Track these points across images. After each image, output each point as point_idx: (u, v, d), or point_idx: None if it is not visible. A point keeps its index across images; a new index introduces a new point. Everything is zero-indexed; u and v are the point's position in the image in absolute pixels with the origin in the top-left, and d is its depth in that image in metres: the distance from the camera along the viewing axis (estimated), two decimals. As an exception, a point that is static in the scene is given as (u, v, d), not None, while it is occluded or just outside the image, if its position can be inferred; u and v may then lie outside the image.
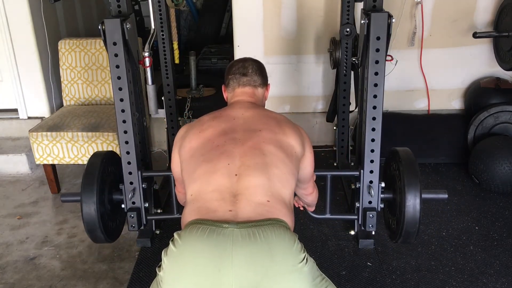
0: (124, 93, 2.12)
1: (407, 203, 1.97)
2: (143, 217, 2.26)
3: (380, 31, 2.00)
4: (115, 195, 2.23)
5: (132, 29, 2.11)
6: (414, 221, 1.99)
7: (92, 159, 2.15)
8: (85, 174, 2.07)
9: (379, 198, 2.18)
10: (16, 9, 3.32)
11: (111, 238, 2.20)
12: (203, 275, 1.31)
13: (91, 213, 2.02)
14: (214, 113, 1.75)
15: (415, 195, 1.97)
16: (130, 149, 2.18)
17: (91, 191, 2.03)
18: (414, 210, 1.97)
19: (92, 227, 2.05)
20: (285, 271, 1.33)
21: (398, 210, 2.07)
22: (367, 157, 2.15)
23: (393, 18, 2.01)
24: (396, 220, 2.12)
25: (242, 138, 1.57)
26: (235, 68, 1.86)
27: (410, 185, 1.98)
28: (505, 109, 3.18)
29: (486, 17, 3.30)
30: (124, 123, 2.15)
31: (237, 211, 1.41)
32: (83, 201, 2.03)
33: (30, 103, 3.59)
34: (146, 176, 2.28)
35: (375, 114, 2.10)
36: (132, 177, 2.20)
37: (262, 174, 1.48)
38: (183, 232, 1.38)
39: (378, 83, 2.07)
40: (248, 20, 3.34)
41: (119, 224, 2.31)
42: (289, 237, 1.37)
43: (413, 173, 2.01)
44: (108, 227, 2.14)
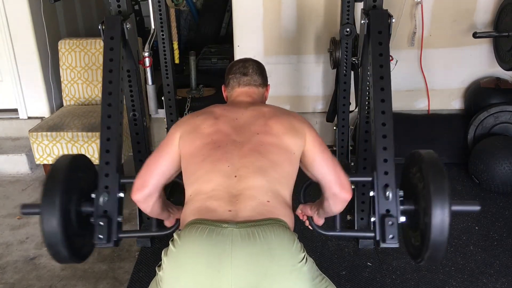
0: (113, 89, 1.93)
1: (434, 215, 1.57)
2: (114, 230, 1.77)
3: (381, 27, 1.98)
4: (84, 207, 1.75)
5: (132, 29, 2.11)
6: (441, 237, 1.59)
7: (57, 162, 1.70)
8: (46, 181, 1.62)
9: (398, 206, 1.76)
10: (16, 9, 3.32)
11: (79, 257, 1.73)
12: (203, 275, 1.31)
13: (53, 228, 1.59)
14: (216, 109, 1.70)
15: (443, 206, 1.57)
16: (110, 147, 1.87)
17: (53, 201, 1.59)
18: (442, 225, 1.58)
19: (55, 245, 1.61)
20: (284, 271, 1.32)
21: (422, 223, 1.65)
22: (380, 156, 1.84)
23: (393, 18, 2.01)
24: (418, 236, 1.71)
25: (242, 140, 1.56)
26: (235, 68, 1.85)
27: (437, 194, 1.58)
28: (505, 109, 3.18)
29: (486, 17, 3.30)
30: (109, 117, 1.91)
31: (237, 211, 1.41)
32: (43, 213, 1.60)
33: (30, 103, 3.59)
34: (125, 182, 1.84)
35: (384, 108, 1.90)
36: (108, 180, 1.80)
37: (261, 176, 1.48)
38: (182, 232, 1.38)
39: (385, 76, 1.93)
40: (248, 20, 3.34)
41: (89, 241, 1.79)
42: (289, 237, 1.37)
43: (440, 180, 1.61)
44: (74, 244, 1.68)
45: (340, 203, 1.60)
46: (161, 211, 1.69)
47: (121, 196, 1.78)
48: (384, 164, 1.82)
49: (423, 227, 1.63)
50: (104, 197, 1.74)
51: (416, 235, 1.72)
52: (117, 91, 1.93)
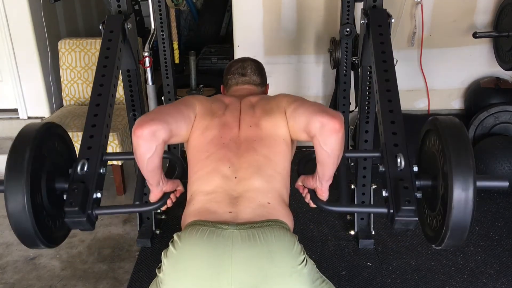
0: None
1: (455, 192, 1.32)
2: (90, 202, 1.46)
3: (382, 23, 1.98)
4: (58, 183, 1.49)
5: (132, 29, 2.11)
6: (464, 218, 1.35)
7: (24, 128, 1.43)
8: (11, 151, 1.36)
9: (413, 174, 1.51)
10: (16, 9, 3.32)
11: (51, 241, 1.46)
12: (203, 277, 1.31)
13: (19, 206, 1.35)
14: (225, 98, 1.67)
15: (467, 182, 1.32)
16: (97, 123, 1.67)
17: (19, 176, 1.33)
18: (466, 203, 1.33)
19: (22, 227, 1.38)
20: (284, 273, 1.32)
21: (442, 202, 1.42)
22: (386, 130, 1.65)
23: (393, 18, 2.01)
24: (437, 216, 1.46)
25: (240, 135, 1.55)
26: (234, 68, 1.85)
27: (460, 167, 1.33)
28: (505, 109, 3.18)
29: (486, 17, 3.30)
30: (99, 96, 1.76)
31: (237, 212, 1.40)
32: (8, 190, 1.34)
33: (30, 103, 3.59)
34: (108, 159, 1.63)
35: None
36: (90, 153, 1.57)
37: (261, 177, 1.47)
38: (182, 234, 1.38)
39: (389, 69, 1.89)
40: (248, 20, 3.34)
41: (62, 224, 1.50)
42: (289, 239, 1.37)
43: (464, 150, 1.36)
44: (45, 226, 1.44)
45: (329, 135, 1.33)
46: (158, 166, 1.42)
47: (102, 172, 1.56)
48: (393, 136, 1.63)
49: (443, 206, 1.40)
50: (83, 164, 1.48)
51: (434, 215, 1.47)
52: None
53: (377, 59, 1.83)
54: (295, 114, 1.47)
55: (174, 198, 1.54)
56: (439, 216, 1.42)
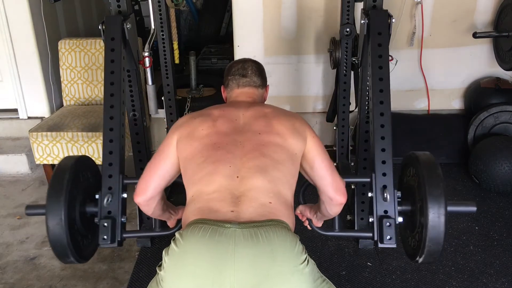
0: (116, 90, 1.94)
1: (430, 216, 1.60)
2: (119, 231, 1.81)
3: (381, 27, 1.98)
4: (88, 207, 1.80)
5: (132, 29, 2.11)
6: (438, 238, 1.61)
7: (61, 163, 1.74)
8: (51, 182, 1.67)
9: (396, 207, 1.80)
10: (16, 9, 3.32)
11: (82, 258, 1.75)
12: (205, 275, 1.31)
13: (57, 228, 1.63)
14: (216, 109, 1.70)
15: (439, 208, 1.60)
16: (113, 149, 1.90)
17: (58, 202, 1.63)
18: (438, 225, 1.60)
19: (59, 245, 1.65)
20: (286, 272, 1.32)
21: (419, 225, 1.69)
22: (378, 157, 1.87)
23: (393, 18, 2.01)
24: (415, 236, 1.75)
25: (243, 140, 1.56)
26: (234, 69, 1.85)
27: (433, 196, 1.62)
28: (505, 109, 3.18)
29: (486, 17, 3.30)
30: (111, 119, 1.93)
31: (239, 211, 1.41)
32: (48, 214, 1.63)
33: (30, 103, 3.59)
34: (128, 183, 1.88)
35: (383, 109, 1.94)
36: (111, 181, 1.84)
37: (263, 176, 1.47)
38: (185, 232, 1.38)
39: (384, 77, 1.98)
40: (248, 20, 3.34)
41: (92, 241, 1.84)
42: (291, 239, 1.37)
43: (436, 181, 1.65)
44: (78, 245, 1.72)
45: (335, 206, 1.63)
46: (162, 212, 1.73)
47: (124, 197, 1.84)
48: (382, 165, 1.86)
49: (420, 228, 1.67)
50: (108, 198, 1.78)
51: (413, 235, 1.76)
52: (119, 93, 1.94)
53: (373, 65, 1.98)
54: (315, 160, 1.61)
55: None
56: (417, 236, 1.70)
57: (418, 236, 1.70)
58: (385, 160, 1.86)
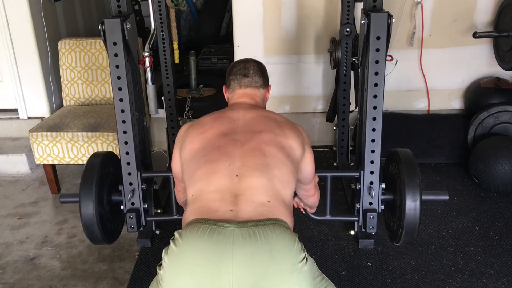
0: (123, 93, 2.12)
1: (407, 204, 1.97)
2: (142, 218, 2.25)
3: (380, 31, 2.01)
4: (114, 196, 2.21)
5: (132, 29, 2.11)
6: (414, 223, 1.99)
7: (91, 159, 2.14)
8: (84, 175, 2.07)
9: (380, 199, 2.17)
10: (16, 9, 3.32)
11: (110, 239, 2.19)
12: (204, 274, 1.31)
13: (89, 214, 2.02)
14: (215, 113, 1.75)
15: (415, 196, 1.97)
16: (129, 150, 2.17)
17: (90, 192, 2.02)
18: (414, 212, 1.97)
19: (91, 228, 2.04)
20: (285, 271, 1.33)
21: (398, 211, 2.06)
22: (368, 157, 2.14)
23: (393, 18, 2.01)
24: (396, 221, 2.11)
25: (243, 139, 1.57)
26: (236, 69, 1.85)
27: (410, 186, 1.97)
28: (505, 109, 3.18)
29: (486, 17, 3.30)
30: (124, 123, 2.14)
31: (238, 211, 1.41)
32: (82, 202, 2.03)
33: (30, 103, 3.59)
34: (146, 177, 2.27)
35: (376, 114, 2.10)
36: (131, 178, 2.19)
37: (262, 175, 1.48)
38: (184, 231, 1.39)
39: (378, 83, 2.07)
40: (248, 20, 3.34)
41: (118, 225, 2.29)
42: (289, 237, 1.38)
43: (413, 174, 2.00)
44: (107, 228, 2.14)
45: (313, 204, 2.12)
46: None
47: (144, 188, 2.22)
48: (371, 165, 2.15)
49: (399, 213, 2.04)
50: (130, 195, 2.18)
51: (394, 220, 2.14)
52: (127, 96, 2.11)
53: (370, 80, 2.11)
54: (306, 161, 1.76)
55: None
56: (397, 221, 2.08)
57: (398, 221, 2.06)
58: (374, 160, 2.14)
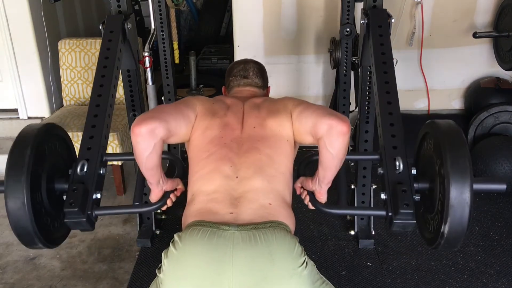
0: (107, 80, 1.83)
1: (453, 195, 1.34)
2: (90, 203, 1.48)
3: (381, 22, 1.95)
4: (58, 184, 1.50)
5: (132, 29, 2.11)
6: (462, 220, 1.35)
7: (22, 132, 1.44)
8: (10, 155, 1.38)
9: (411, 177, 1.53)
10: (16, 9, 3.32)
11: (52, 242, 1.48)
12: (203, 277, 1.31)
13: (18, 207, 1.36)
14: (227, 100, 1.67)
15: (464, 184, 1.33)
16: (97, 123, 1.70)
17: (19, 177, 1.35)
18: (462, 204, 1.34)
19: (22, 227, 1.39)
20: (284, 275, 1.32)
21: (439, 204, 1.42)
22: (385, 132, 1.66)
23: (393, 18, 2.01)
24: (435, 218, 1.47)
25: (243, 136, 1.56)
26: (236, 70, 1.85)
27: (457, 170, 1.34)
28: (505, 109, 3.18)
29: (486, 17, 3.30)
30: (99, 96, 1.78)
31: (238, 213, 1.40)
32: (8, 191, 1.35)
33: (30, 103, 3.59)
34: (108, 159, 1.66)
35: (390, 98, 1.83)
36: (90, 154, 1.59)
37: (263, 177, 1.47)
38: (183, 234, 1.38)
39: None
40: (248, 20, 3.34)
41: (62, 224, 1.50)
42: (290, 241, 1.37)
43: (461, 153, 1.38)
44: (45, 227, 1.44)
45: (337, 135, 1.35)
46: (158, 165, 1.43)
47: (101, 173, 1.58)
48: (391, 139, 1.65)
49: (440, 209, 1.41)
50: (82, 165, 1.50)
51: (432, 217, 1.48)
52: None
53: (376, 60, 1.84)
54: (301, 116, 1.49)
55: (174, 197, 1.56)
56: (437, 218, 1.43)
57: (438, 217, 1.43)
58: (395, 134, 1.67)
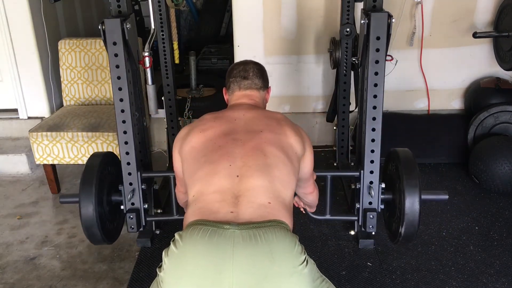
0: (124, 93, 2.11)
1: (407, 204, 1.96)
2: (142, 219, 2.24)
3: (380, 31, 2.01)
4: (114, 196, 2.21)
5: (132, 29, 2.11)
6: (413, 223, 1.98)
7: (91, 159, 2.13)
8: (83, 175, 2.06)
9: (380, 199, 2.17)
10: (16, 9, 3.32)
11: (110, 240, 2.18)
12: (204, 276, 1.31)
13: (89, 214, 2.01)
14: (215, 113, 1.74)
15: (414, 196, 1.96)
16: (129, 150, 2.17)
17: (90, 192, 2.01)
18: (414, 211, 1.96)
19: (91, 228, 2.03)
20: (285, 273, 1.32)
21: (398, 211, 2.05)
22: (367, 157, 2.14)
23: (393, 18, 2.01)
24: (395, 221, 2.10)
25: (243, 139, 1.57)
26: (236, 71, 1.85)
27: (409, 186, 1.97)
28: (505, 109, 3.18)
29: (486, 17, 3.30)
30: (124, 123, 2.14)
31: (239, 212, 1.41)
32: (82, 202, 2.02)
33: (30, 103, 3.59)
34: (146, 177, 2.27)
35: (375, 114, 2.10)
36: (131, 178, 2.19)
37: (263, 175, 1.48)
38: (184, 233, 1.38)
39: (378, 83, 2.07)
40: (248, 20, 3.34)
41: (117, 225, 2.29)
42: (290, 239, 1.37)
43: (412, 173, 1.99)
44: (106, 228, 2.13)
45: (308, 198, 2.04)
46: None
47: (144, 188, 2.21)
48: (370, 164, 2.15)
49: (399, 213, 2.03)
50: (130, 195, 2.17)
51: (394, 219, 2.12)
52: (127, 96, 2.11)
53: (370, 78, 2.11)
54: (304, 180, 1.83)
55: None
56: (397, 220, 2.06)
57: (398, 220, 2.05)
58: (374, 160, 2.14)
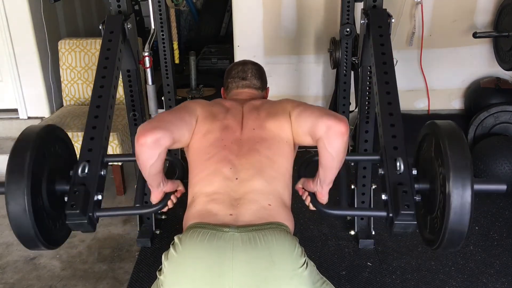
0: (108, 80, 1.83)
1: (454, 195, 1.33)
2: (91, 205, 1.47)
3: (381, 22, 1.96)
4: (59, 185, 1.50)
5: (132, 29, 2.11)
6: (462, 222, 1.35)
7: (24, 132, 1.46)
8: (11, 156, 1.38)
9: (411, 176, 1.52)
10: (16, 9, 3.32)
11: (52, 243, 1.47)
12: (204, 280, 1.31)
13: (19, 208, 1.36)
14: (226, 104, 1.68)
15: (465, 185, 1.33)
16: (98, 124, 1.69)
17: (20, 178, 1.35)
18: (463, 206, 1.33)
19: (22, 228, 1.38)
20: (285, 276, 1.32)
21: (440, 205, 1.42)
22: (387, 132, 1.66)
23: (393, 18, 2.01)
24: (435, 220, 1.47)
25: (242, 138, 1.56)
26: (234, 71, 1.85)
27: (458, 171, 1.34)
28: (505, 109, 3.18)
29: (486, 17, 3.30)
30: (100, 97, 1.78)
31: (238, 215, 1.40)
32: (8, 192, 1.35)
33: (30, 103, 3.59)
34: (109, 161, 1.67)
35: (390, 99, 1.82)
36: (91, 155, 1.59)
37: (262, 178, 1.47)
38: (183, 236, 1.38)
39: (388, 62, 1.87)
40: (248, 20, 3.34)
41: (63, 225, 1.51)
42: (290, 242, 1.37)
43: (461, 154, 1.37)
44: (46, 228, 1.44)
45: (336, 136, 1.35)
46: (160, 170, 1.45)
47: (102, 174, 1.57)
48: (392, 139, 1.64)
49: (440, 209, 1.40)
50: (84, 166, 1.50)
51: (432, 218, 1.48)
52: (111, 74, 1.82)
53: (377, 60, 1.84)
54: (300, 117, 1.49)
55: (174, 199, 1.58)
56: (437, 219, 1.43)
57: (438, 219, 1.43)
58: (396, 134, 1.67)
